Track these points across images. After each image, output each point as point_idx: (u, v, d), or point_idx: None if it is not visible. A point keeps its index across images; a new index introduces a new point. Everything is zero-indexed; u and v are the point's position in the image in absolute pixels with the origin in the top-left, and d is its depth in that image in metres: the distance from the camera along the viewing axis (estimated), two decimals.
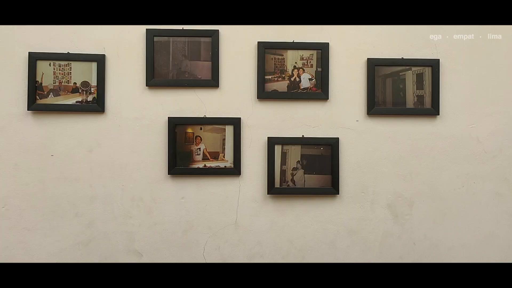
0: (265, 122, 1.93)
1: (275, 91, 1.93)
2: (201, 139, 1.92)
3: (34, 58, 1.85)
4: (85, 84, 1.89)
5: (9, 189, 1.88)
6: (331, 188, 1.93)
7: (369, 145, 1.95)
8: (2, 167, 1.87)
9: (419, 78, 1.93)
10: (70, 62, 1.87)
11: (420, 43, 1.95)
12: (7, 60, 1.87)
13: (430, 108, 1.93)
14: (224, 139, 1.92)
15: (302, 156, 1.93)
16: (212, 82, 1.91)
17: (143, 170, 1.91)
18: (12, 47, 1.87)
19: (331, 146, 1.92)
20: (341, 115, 1.94)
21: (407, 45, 1.95)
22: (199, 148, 1.92)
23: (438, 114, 1.93)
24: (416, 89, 1.94)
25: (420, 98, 1.94)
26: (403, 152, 1.95)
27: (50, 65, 1.87)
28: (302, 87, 1.93)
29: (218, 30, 1.91)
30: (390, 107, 1.94)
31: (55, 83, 1.87)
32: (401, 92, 1.94)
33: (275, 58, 1.93)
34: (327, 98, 1.93)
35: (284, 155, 1.93)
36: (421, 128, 1.94)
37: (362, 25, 1.94)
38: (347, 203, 1.94)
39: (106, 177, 1.90)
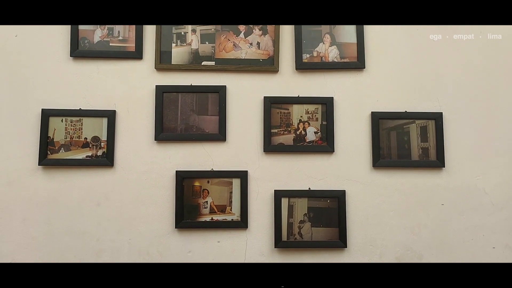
0: (272, 175, 1.95)
1: (281, 144, 1.96)
2: (208, 193, 1.93)
3: (47, 115, 1.91)
4: (96, 139, 1.93)
5: (17, 243, 1.88)
6: (339, 241, 1.91)
7: (376, 197, 1.95)
8: (10, 221, 1.89)
9: (423, 131, 1.96)
10: (81, 118, 1.92)
11: (423, 97, 1.99)
12: (20, 116, 1.92)
13: (435, 161, 1.95)
14: (231, 192, 1.93)
15: (309, 209, 1.93)
16: (220, 136, 1.95)
17: (150, 224, 1.91)
18: (26, 104, 1.93)
19: (338, 198, 1.93)
20: (347, 167, 1.96)
21: (410, 98, 1.99)
22: (206, 202, 1.93)
23: (444, 166, 1.94)
24: (421, 142, 1.96)
25: (425, 151, 1.96)
26: (410, 204, 1.95)
27: (62, 121, 1.92)
28: (308, 140, 1.96)
29: (225, 86, 1.96)
30: (395, 160, 1.95)
31: (66, 138, 1.92)
32: (405, 144, 1.96)
33: (281, 112, 1.97)
34: (333, 151, 1.95)
35: (291, 208, 1.93)
36: (427, 180, 1.95)
37: (365, 79, 1.99)
38: (355, 256, 1.93)
39: (113, 230, 1.91)
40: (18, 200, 1.90)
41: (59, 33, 1.96)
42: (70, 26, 1.95)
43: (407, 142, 1.96)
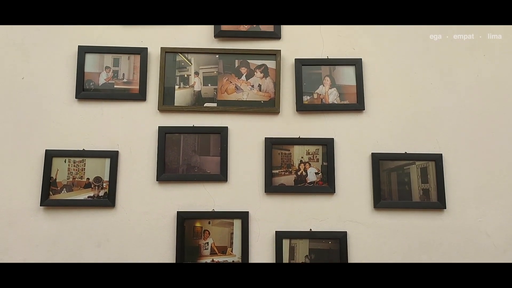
0: (273, 216, 1.95)
1: (282, 185, 1.97)
2: (209, 233, 1.93)
3: (50, 155, 1.93)
4: (98, 179, 1.94)
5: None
6: None
7: (377, 239, 1.94)
8: (10, 262, 1.87)
9: (423, 172, 1.97)
10: (84, 158, 1.94)
11: (422, 138, 2.01)
12: (24, 157, 1.94)
13: (436, 202, 1.95)
14: (232, 233, 1.93)
15: (310, 250, 1.92)
16: (221, 176, 1.96)
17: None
18: (30, 145, 1.95)
19: (339, 239, 1.92)
20: (348, 208, 1.96)
21: (410, 139, 2.01)
22: (207, 243, 1.92)
23: (445, 208, 1.94)
24: (421, 183, 1.97)
25: (426, 192, 1.96)
26: (412, 246, 1.94)
27: (65, 161, 1.94)
28: (308, 181, 1.97)
29: (227, 127, 1.99)
30: (396, 201, 1.96)
31: (69, 179, 1.93)
32: (406, 185, 1.97)
33: (282, 153, 1.99)
34: (334, 192, 1.96)
35: (292, 249, 1.92)
36: (429, 221, 1.95)
37: (364, 120, 2.02)
38: None
39: None
40: (19, 240, 1.89)
41: (65, 76, 2.01)
42: (76, 68, 1.99)
43: (408, 183, 1.97)
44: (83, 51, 2.01)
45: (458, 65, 2.07)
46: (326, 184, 1.97)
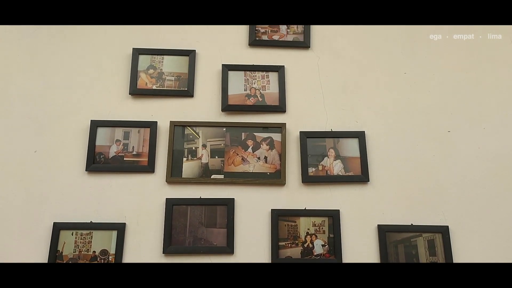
0: None
1: (289, 257, 1.96)
2: None
3: (58, 228, 1.94)
4: (104, 252, 1.94)
5: None
6: None
7: None
8: None
9: (431, 244, 1.96)
10: (91, 231, 1.95)
11: (428, 209, 2.02)
12: (32, 230, 1.95)
13: None
14: None
15: None
16: (227, 248, 1.95)
17: None
18: (39, 218, 1.97)
19: None
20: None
21: (416, 211, 2.02)
22: None
23: None
24: (429, 256, 1.95)
25: None
26: None
27: (72, 234, 1.95)
28: (315, 254, 1.96)
29: (233, 198, 2.01)
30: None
31: (75, 252, 1.93)
32: (414, 258, 1.95)
33: (288, 224, 2.00)
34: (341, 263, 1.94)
35: None
36: None
37: (370, 192, 2.04)
38: None
39: None
40: None
41: (77, 149, 2.06)
42: (88, 142, 2.05)
43: (415, 255, 1.96)
44: (95, 125, 2.08)
45: (459, 137, 2.12)
46: (333, 257, 1.96)
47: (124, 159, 2.06)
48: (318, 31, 2.30)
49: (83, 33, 2.26)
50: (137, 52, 2.20)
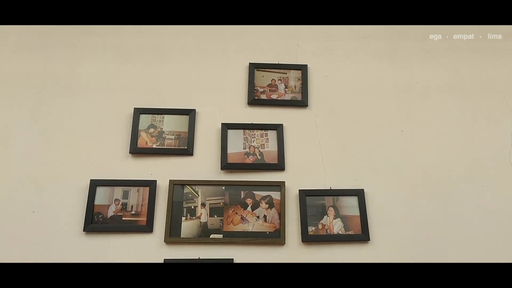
0: None
1: None
2: None
3: None
4: None
5: None
6: None
7: None
8: None
9: None
10: None
11: None
12: None
13: None
14: None
15: None
16: None
17: None
18: None
19: None
20: None
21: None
22: None
23: None
24: None
25: None
26: None
27: None
28: None
29: (232, 258, 1.98)
30: None
31: None
32: None
33: None
34: None
35: None
36: None
37: (370, 251, 2.01)
38: None
39: None
40: None
41: (75, 209, 2.05)
42: (86, 201, 2.05)
43: None
44: (94, 184, 2.08)
45: (458, 195, 2.12)
46: None
47: (123, 218, 2.05)
48: (316, 90, 2.36)
49: (85, 93, 2.32)
50: (138, 112, 2.25)
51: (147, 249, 2.00)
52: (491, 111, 2.30)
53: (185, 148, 2.19)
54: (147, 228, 2.03)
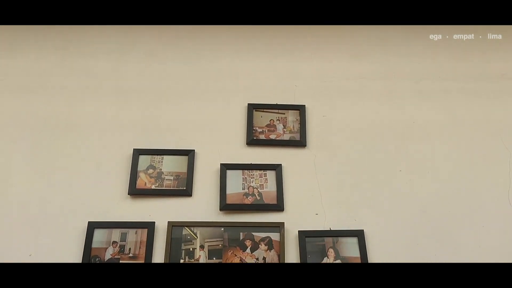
0: None
1: None
2: None
3: None
4: None
5: None
6: None
7: None
8: None
9: None
10: None
11: None
12: None
13: None
14: None
15: None
16: None
17: None
18: None
19: None
20: None
21: None
22: None
23: None
24: None
25: None
26: None
27: None
28: None
29: None
30: None
31: None
32: None
33: None
34: None
35: None
36: None
37: None
38: None
39: None
40: None
41: (72, 252, 2.02)
42: (84, 244, 2.03)
43: None
44: (92, 227, 2.06)
45: (459, 235, 2.10)
46: None
47: (120, 261, 2.02)
48: (314, 130, 2.38)
49: (85, 134, 2.33)
50: (138, 153, 2.26)
51: None
52: (488, 150, 2.31)
53: (184, 189, 2.18)
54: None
